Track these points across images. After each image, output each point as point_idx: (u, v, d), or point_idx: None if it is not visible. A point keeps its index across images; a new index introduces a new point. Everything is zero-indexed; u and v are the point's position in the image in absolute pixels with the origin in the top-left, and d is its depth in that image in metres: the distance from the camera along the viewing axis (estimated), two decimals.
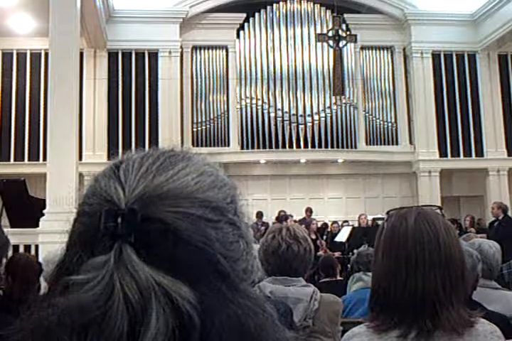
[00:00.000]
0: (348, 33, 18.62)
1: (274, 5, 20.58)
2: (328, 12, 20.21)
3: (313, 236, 13.98)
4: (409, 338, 2.00)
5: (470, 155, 20.27)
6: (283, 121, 19.66)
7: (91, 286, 0.81)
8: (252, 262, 0.96)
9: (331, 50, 18.68)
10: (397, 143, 20.44)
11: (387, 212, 10.61)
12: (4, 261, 4.62)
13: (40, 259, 5.58)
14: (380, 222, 12.47)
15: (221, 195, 0.92)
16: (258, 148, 19.55)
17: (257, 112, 19.72)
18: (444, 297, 2.01)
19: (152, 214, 0.84)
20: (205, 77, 20.32)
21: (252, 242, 0.97)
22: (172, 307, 0.80)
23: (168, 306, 0.80)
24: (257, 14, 20.47)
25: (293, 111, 19.77)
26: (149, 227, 0.83)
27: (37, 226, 10.34)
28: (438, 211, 11.50)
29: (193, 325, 0.81)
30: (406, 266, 2.05)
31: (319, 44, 19.60)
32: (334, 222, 16.58)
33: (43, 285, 4.61)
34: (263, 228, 14.56)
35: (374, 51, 21.03)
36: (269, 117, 19.66)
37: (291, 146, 19.54)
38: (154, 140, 18.70)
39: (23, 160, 18.55)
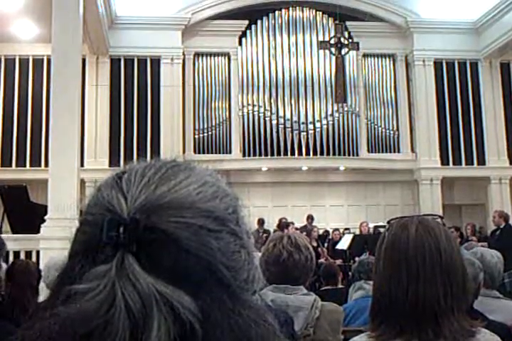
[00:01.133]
0: (350, 40, 18.68)
1: (276, 12, 20.63)
2: (331, 20, 20.27)
3: (315, 244, 13.96)
4: None
5: (472, 164, 20.27)
6: (285, 128, 19.68)
7: (93, 295, 0.81)
8: (254, 272, 0.96)
9: (333, 58, 18.77)
10: (398, 151, 20.46)
11: (388, 221, 10.60)
12: (4, 266, 4.67)
13: (42, 265, 5.59)
14: (381, 230, 12.46)
15: (223, 205, 0.92)
16: (260, 155, 19.56)
17: (258, 119, 19.75)
18: (445, 306, 2.00)
19: (154, 223, 0.84)
20: (207, 84, 20.35)
21: (254, 252, 0.97)
22: (174, 316, 0.80)
23: (169, 315, 0.80)
24: (259, 21, 20.51)
25: (295, 119, 19.79)
26: (151, 237, 0.83)
27: (38, 232, 10.34)
28: (439, 220, 11.51)
29: (194, 334, 0.81)
30: (407, 275, 2.05)
31: (321, 51, 19.64)
32: (335, 230, 16.57)
33: (44, 292, 4.61)
34: (265, 235, 14.55)
35: (376, 59, 21.07)
36: (271, 124, 19.68)
37: (292, 154, 19.55)
38: (156, 146, 18.73)
39: (24, 166, 18.57)
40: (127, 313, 0.79)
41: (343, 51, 18.05)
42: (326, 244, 15.61)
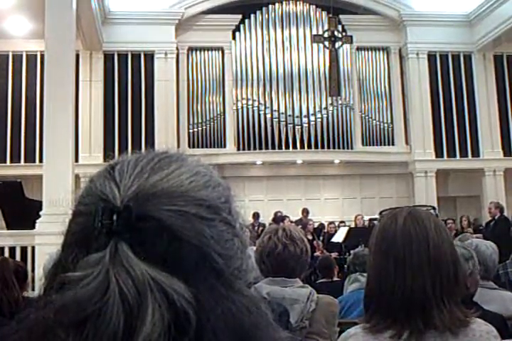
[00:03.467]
0: (343, 33, 18.65)
1: (270, 6, 20.59)
2: (324, 13, 20.22)
3: (310, 237, 13.98)
4: (403, 338, 2.00)
5: (466, 156, 20.30)
6: (279, 122, 19.66)
7: (86, 282, 0.82)
8: (247, 261, 0.97)
9: (327, 51, 18.72)
10: (393, 144, 20.47)
11: (380, 213, 10.62)
12: None
13: (37, 261, 5.65)
14: (376, 223, 12.48)
15: (215, 194, 0.93)
16: (254, 149, 19.55)
17: (253, 113, 19.73)
18: (433, 296, 2.01)
19: (147, 211, 0.85)
20: (201, 79, 20.33)
21: (247, 241, 0.98)
22: (168, 303, 0.81)
23: (163, 302, 0.81)
24: (252, 15, 20.48)
25: (289, 112, 19.77)
26: (144, 225, 0.84)
27: (33, 227, 10.33)
28: (432, 211, 11.53)
29: (188, 320, 0.82)
30: (394, 265, 2.05)
31: (315, 45, 19.62)
32: (331, 223, 16.58)
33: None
34: (260, 229, 14.55)
35: (370, 52, 21.06)
36: (265, 118, 19.67)
37: (287, 147, 19.54)
38: (150, 141, 18.68)
39: (19, 161, 18.53)
40: (121, 300, 0.80)
41: (337, 44, 18.02)
42: (321, 237, 15.62)
